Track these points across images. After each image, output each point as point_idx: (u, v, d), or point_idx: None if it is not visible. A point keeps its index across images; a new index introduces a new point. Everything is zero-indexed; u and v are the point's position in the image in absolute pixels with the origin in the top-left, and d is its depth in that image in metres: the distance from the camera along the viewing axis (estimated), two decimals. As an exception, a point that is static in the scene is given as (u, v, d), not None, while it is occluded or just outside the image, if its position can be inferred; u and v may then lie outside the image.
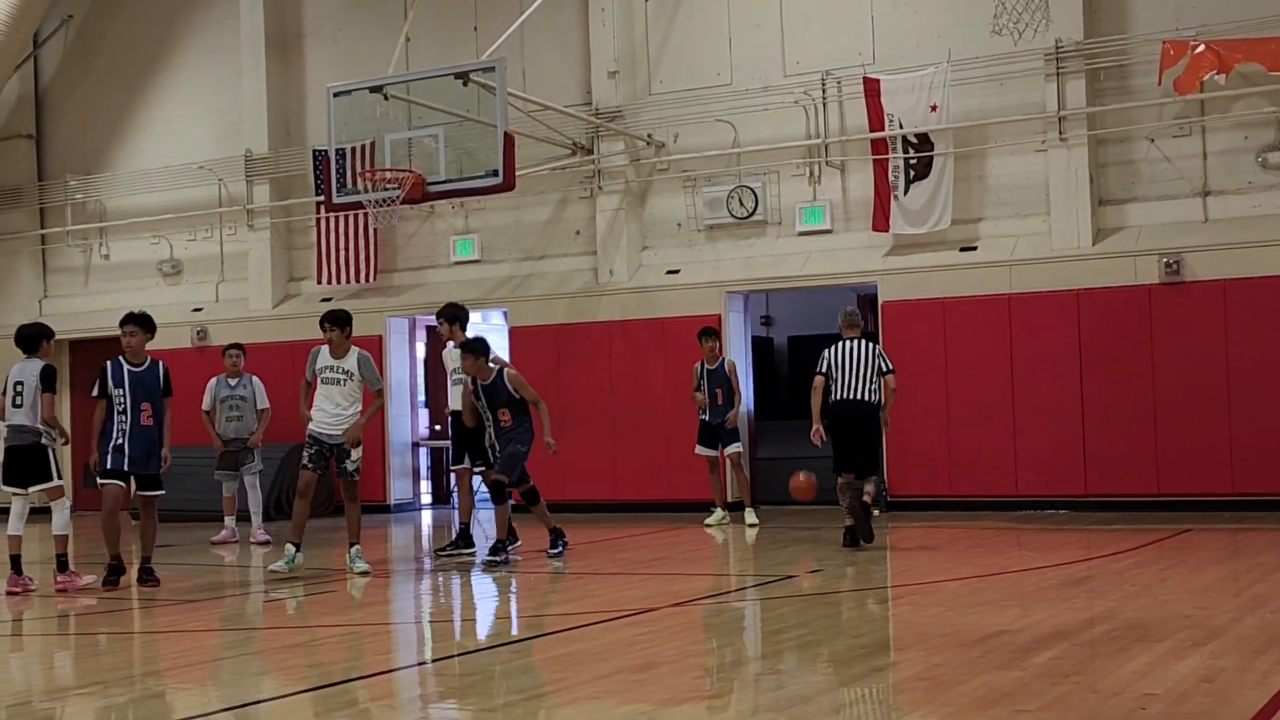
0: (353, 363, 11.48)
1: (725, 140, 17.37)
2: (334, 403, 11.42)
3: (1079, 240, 15.51)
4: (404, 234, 19.34)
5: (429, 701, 6.81)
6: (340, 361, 11.48)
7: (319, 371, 11.50)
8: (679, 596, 9.85)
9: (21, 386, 11.10)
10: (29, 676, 7.95)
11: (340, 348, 11.49)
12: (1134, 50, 15.52)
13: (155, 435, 11.10)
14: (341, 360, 11.48)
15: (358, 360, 11.50)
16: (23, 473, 11.12)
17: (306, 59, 20.24)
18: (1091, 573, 10.44)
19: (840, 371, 12.43)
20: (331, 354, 11.50)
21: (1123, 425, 15.11)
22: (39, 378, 11.09)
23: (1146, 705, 5.80)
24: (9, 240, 22.19)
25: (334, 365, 11.47)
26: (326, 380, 11.46)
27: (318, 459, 11.45)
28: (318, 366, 11.51)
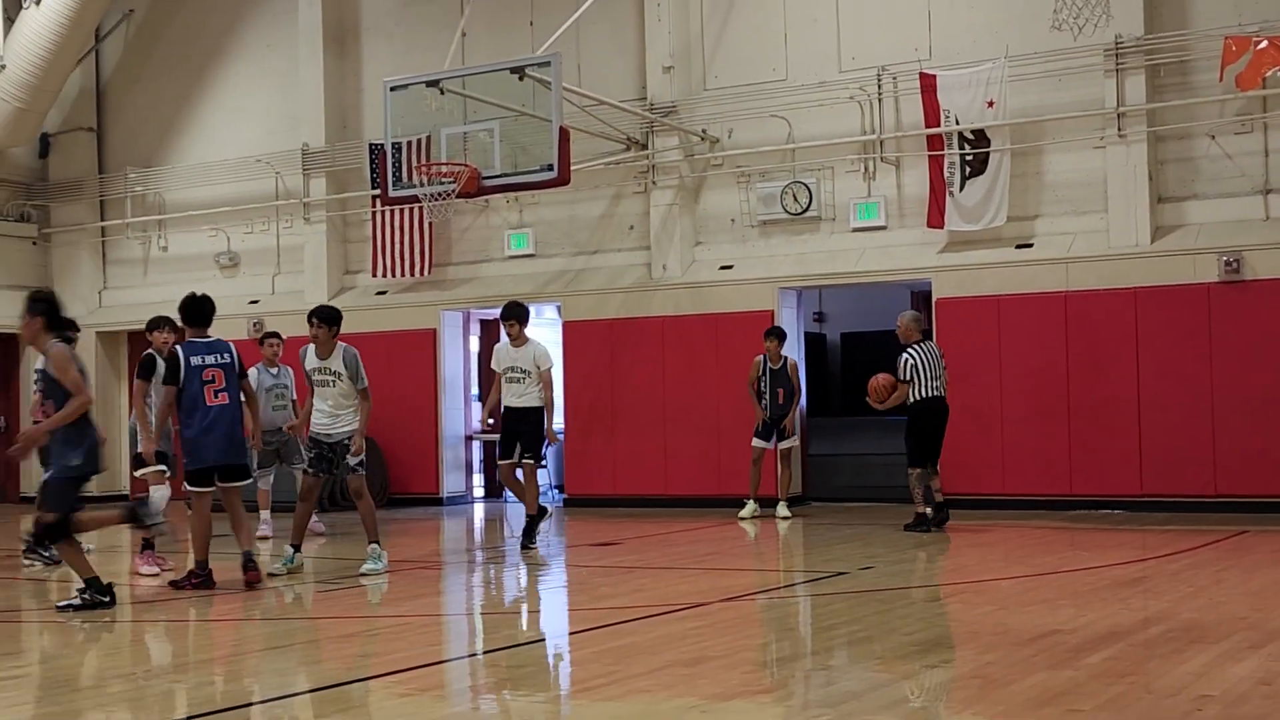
0: (339, 361, 11.04)
1: (780, 136, 17.33)
2: (328, 403, 11.04)
3: (1137, 238, 15.37)
4: (459, 228, 19.42)
5: (480, 693, 6.85)
6: (327, 362, 11.06)
7: (309, 373, 11.14)
8: (730, 591, 9.84)
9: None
10: (81, 663, 8.06)
11: (326, 347, 11.05)
12: (1195, 46, 15.36)
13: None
14: (328, 360, 11.06)
15: (344, 358, 11.04)
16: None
17: (363, 53, 20.36)
18: (1146, 573, 10.35)
19: (925, 372, 13.53)
20: (318, 354, 11.09)
21: (1180, 425, 14.96)
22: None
23: (1203, 707, 5.75)
24: (70, 232, 22.47)
25: (321, 366, 11.07)
26: (317, 382, 11.10)
27: (318, 462, 11.15)
28: (306, 368, 11.14)
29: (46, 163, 22.76)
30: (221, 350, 10.48)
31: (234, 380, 10.48)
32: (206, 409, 10.26)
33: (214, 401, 10.27)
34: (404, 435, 18.87)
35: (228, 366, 10.41)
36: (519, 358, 12.73)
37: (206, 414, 10.27)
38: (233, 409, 10.41)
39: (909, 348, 13.66)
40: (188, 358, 10.31)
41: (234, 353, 10.54)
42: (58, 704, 6.66)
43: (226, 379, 10.39)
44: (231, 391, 10.43)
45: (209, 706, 6.57)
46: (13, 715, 6.31)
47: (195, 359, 10.31)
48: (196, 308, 10.53)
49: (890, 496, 16.56)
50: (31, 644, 8.79)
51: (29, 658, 8.27)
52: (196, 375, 10.27)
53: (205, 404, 10.26)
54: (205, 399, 10.26)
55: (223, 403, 10.31)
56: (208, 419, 10.27)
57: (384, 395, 19.01)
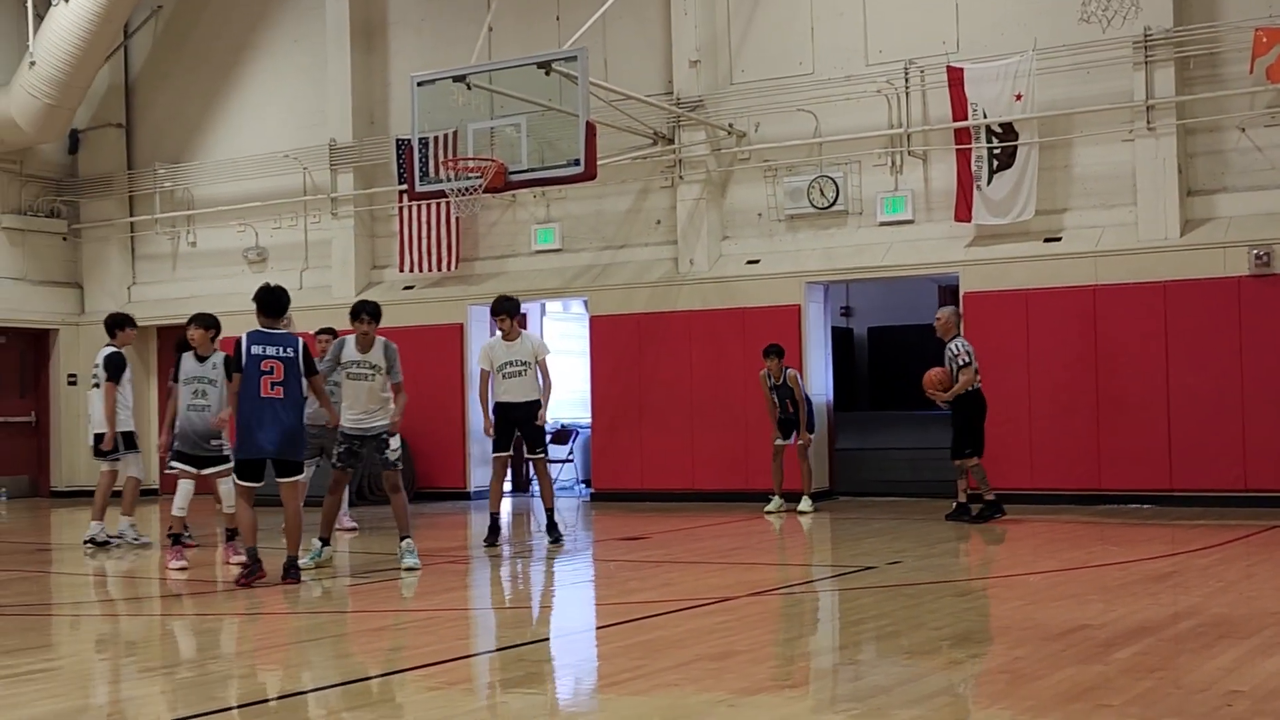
0: (379, 355, 10.94)
1: (807, 130, 17.30)
2: (362, 398, 10.95)
3: (1166, 231, 15.29)
4: (485, 223, 19.45)
5: (508, 687, 6.86)
6: (367, 355, 10.93)
7: (344, 365, 10.99)
8: (757, 586, 9.84)
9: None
10: (113, 655, 8.10)
11: (367, 341, 10.97)
12: (1225, 38, 15.27)
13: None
14: (368, 354, 10.94)
15: (384, 352, 10.99)
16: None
17: (390, 49, 20.40)
18: (1176, 568, 10.30)
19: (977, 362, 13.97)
20: (359, 348, 10.95)
21: (1209, 419, 14.88)
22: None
23: (1233, 702, 5.72)
24: (100, 228, 22.59)
25: (361, 360, 10.92)
26: (354, 376, 10.95)
27: (348, 457, 11.06)
28: (343, 361, 10.98)
29: (76, 159, 22.90)
30: (287, 343, 10.22)
31: (295, 375, 10.16)
32: (258, 400, 10.04)
33: (268, 393, 10.04)
34: (431, 430, 18.91)
35: (290, 360, 10.14)
36: (518, 351, 12.70)
37: (258, 405, 10.05)
38: (288, 403, 10.13)
39: (958, 339, 13.92)
40: (249, 346, 10.11)
41: (300, 347, 10.25)
42: (87, 697, 6.71)
43: (286, 372, 10.10)
44: (290, 385, 10.12)
45: (237, 700, 6.60)
46: (45, 708, 6.35)
47: (256, 349, 10.11)
48: (270, 298, 10.33)
49: (917, 491, 16.56)
50: (61, 637, 8.85)
51: (60, 650, 8.32)
52: (255, 365, 10.05)
53: (258, 395, 10.04)
54: (260, 389, 10.04)
55: (276, 396, 10.05)
56: (259, 410, 10.06)
57: (411, 390, 18.92)
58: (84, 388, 21.50)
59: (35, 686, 6.84)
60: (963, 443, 13.93)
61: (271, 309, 10.34)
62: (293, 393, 10.18)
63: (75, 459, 22.18)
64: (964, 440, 13.92)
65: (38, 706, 6.38)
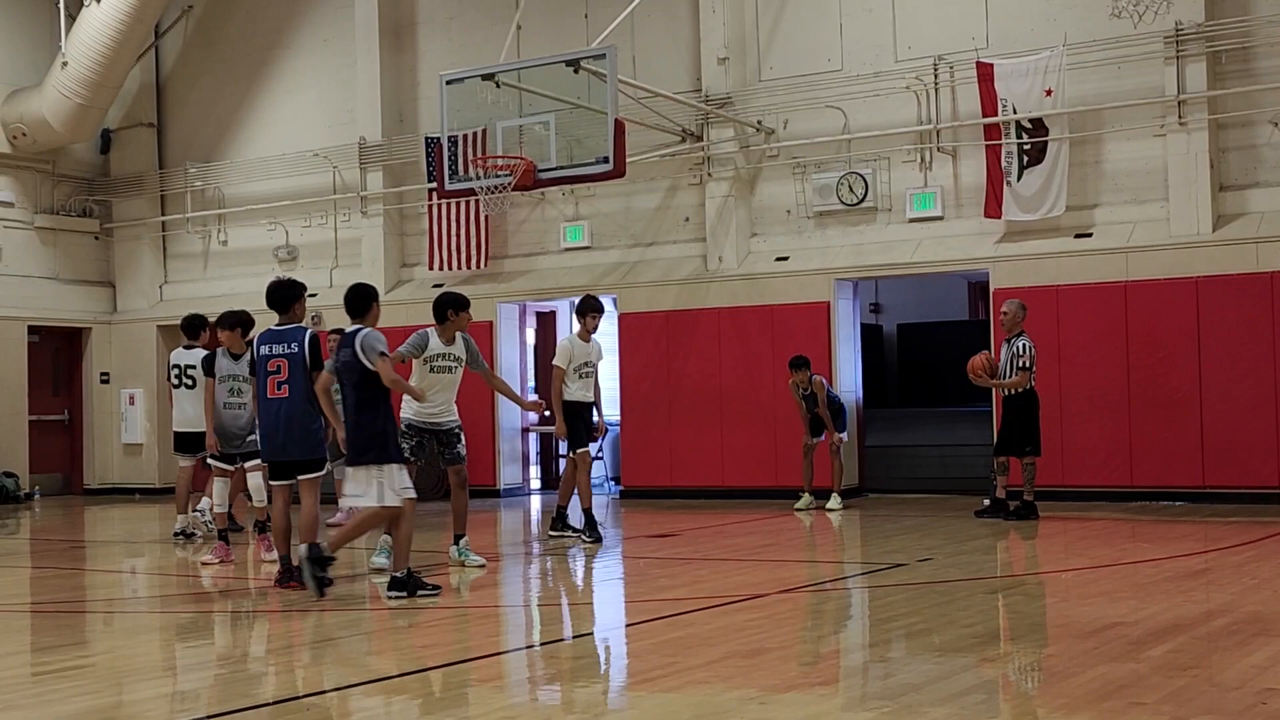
0: (460, 348, 10.97)
1: (835, 126, 17.26)
2: (444, 392, 10.94)
3: (1198, 227, 15.20)
4: (515, 220, 19.48)
5: (538, 684, 6.87)
6: (451, 348, 10.95)
7: (429, 359, 10.91)
8: (788, 583, 9.83)
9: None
10: (146, 652, 8.15)
11: (450, 332, 10.94)
12: (1257, 32, 15.17)
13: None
14: (451, 347, 10.96)
15: (466, 345, 11.00)
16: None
17: (419, 47, 20.45)
18: (1209, 565, 10.25)
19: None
20: (443, 340, 10.89)
21: (1242, 415, 14.79)
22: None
23: (1268, 700, 5.69)
24: (131, 227, 22.72)
25: (445, 353, 10.85)
26: (438, 369, 10.92)
27: (419, 450, 10.94)
28: (429, 353, 10.87)
29: (108, 158, 23.04)
30: (292, 339, 9.77)
31: (300, 371, 9.70)
32: (266, 401, 9.82)
33: (274, 394, 9.73)
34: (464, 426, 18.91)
35: (293, 356, 9.72)
36: (593, 352, 12.80)
37: (266, 406, 9.85)
38: (294, 400, 9.72)
39: (1023, 337, 13.89)
40: (258, 347, 9.89)
41: (306, 340, 9.76)
42: (121, 694, 6.75)
43: (291, 369, 9.70)
44: (295, 382, 9.70)
45: (270, 696, 6.63)
46: (78, 705, 6.40)
47: (264, 348, 9.82)
48: (274, 293, 9.99)
49: (947, 488, 16.51)
50: (95, 634, 8.91)
51: (94, 647, 8.38)
52: (263, 365, 9.80)
53: (266, 396, 9.80)
54: (267, 390, 9.77)
55: (283, 395, 9.70)
56: (266, 412, 9.87)
57: (441, 387, 19.15)
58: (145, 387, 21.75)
59: (69, 683, 6.89)
60: (1023, 440, 13.84)
61: (275, 305, 9.98)
62: (298, 389, 9.74)
63: (108, 457, 22.35)
64: (1024, 439, 13.84)
65: (72, 703, 6.43)
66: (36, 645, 8.39)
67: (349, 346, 9.33)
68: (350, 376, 9.31)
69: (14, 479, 20.77)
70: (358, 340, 9.32)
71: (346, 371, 9.33)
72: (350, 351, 9.29)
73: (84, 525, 17.51)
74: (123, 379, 22.35)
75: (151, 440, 21.96)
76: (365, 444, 9.23)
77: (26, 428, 21.41)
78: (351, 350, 9.29)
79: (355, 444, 9.26)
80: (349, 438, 9.32)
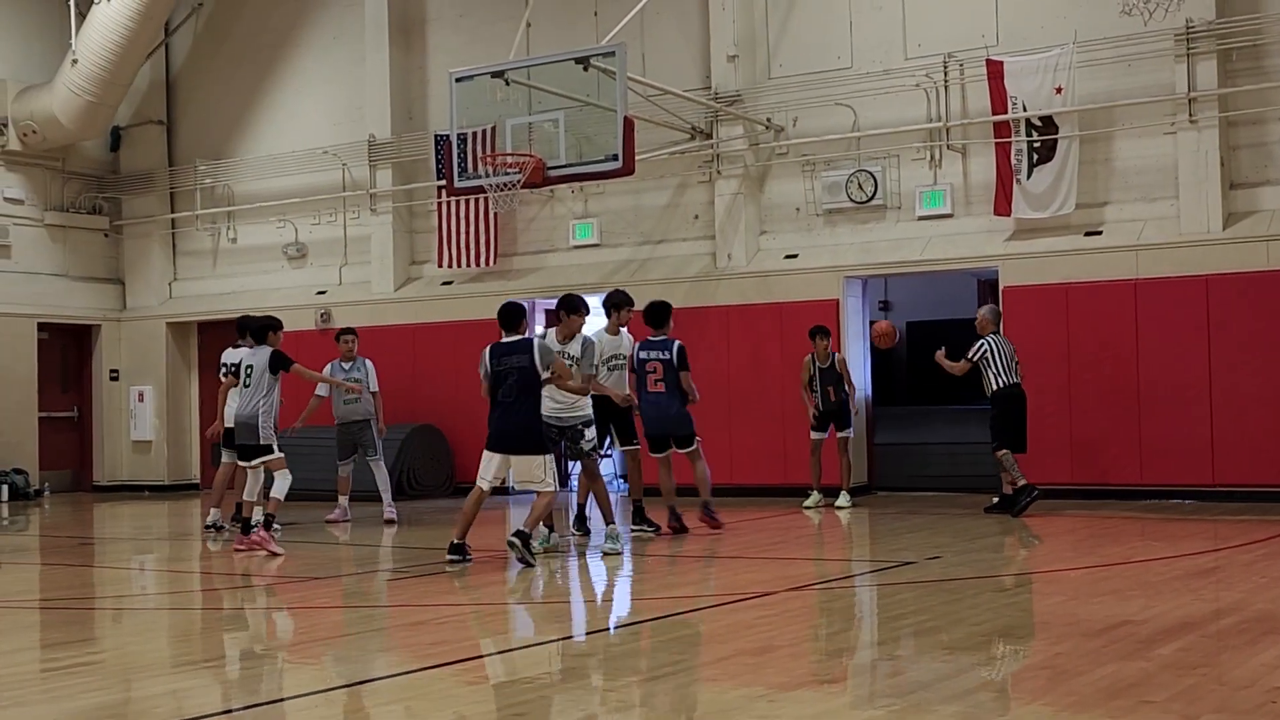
0: (577, 347, 11.52)
1: (845, 124, 17.24)
2: (560, 391, 11.22)
3: (1209, 225, 15.17)
4: (524, 218, 19.48)
5: (546, 681, 6.87)
6: (566, 347, 11.47)
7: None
8: (797, 581, 9.82)
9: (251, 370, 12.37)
10: (155, 649, 8.16)
11: (569, 332, 11.54)
12: (1268, 30, 15.12)
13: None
14: (567, 346, 11.49)
15: (582, 345, 11.55)
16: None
17: (429, 45, 20.46)
18: (1219, 564, 10.22)
19: (997, 362, 14.05)
20: (560, 339, 11.53)
21: (1253, 414, 14.76)
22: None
23: (1277, 699, 5.67)
24: (141, 224, 22.75)
25: (561, 351, 11.35)
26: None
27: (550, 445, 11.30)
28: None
29: (117, 156, 23.07)
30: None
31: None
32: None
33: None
34: (469, 424, 18.89)
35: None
36: (621, 345, 12.82)
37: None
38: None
39: (985, 338, 14.14)
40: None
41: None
42: (130, 690, 6.76)
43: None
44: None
45: (278, 694, 6.64)
46: (87, 701, 6.41)
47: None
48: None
49: (957, 486, 16.49)
50: (104, 631, 8.92)
51: (103, 644, 8.39)
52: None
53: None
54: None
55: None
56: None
57: (450, 384, 19.19)
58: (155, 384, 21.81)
59: (79, 680, 6.90)
60: (996, 435, 14.01)
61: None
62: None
63: (117, 454, 22.38)
64: (996, 433, 14.01)
65: (81, 700, 6.44)
66: (46, 641, 8.41)
67: (525, 353, 10.64)
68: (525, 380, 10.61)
69: (24, 475, 20.81)
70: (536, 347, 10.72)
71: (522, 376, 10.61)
72: (528, 358, 10.62)
73: (93, 522, 17.54)
74: (132, 376, 22.38)
75: (161, 437, 22.00)
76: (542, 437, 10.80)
77: (36, 424, 21.46)
78: (530, 356, 10.62)
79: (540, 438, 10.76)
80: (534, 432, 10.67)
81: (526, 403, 10.61)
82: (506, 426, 10.63)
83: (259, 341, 12.45)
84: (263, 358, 12.28)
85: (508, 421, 10.62)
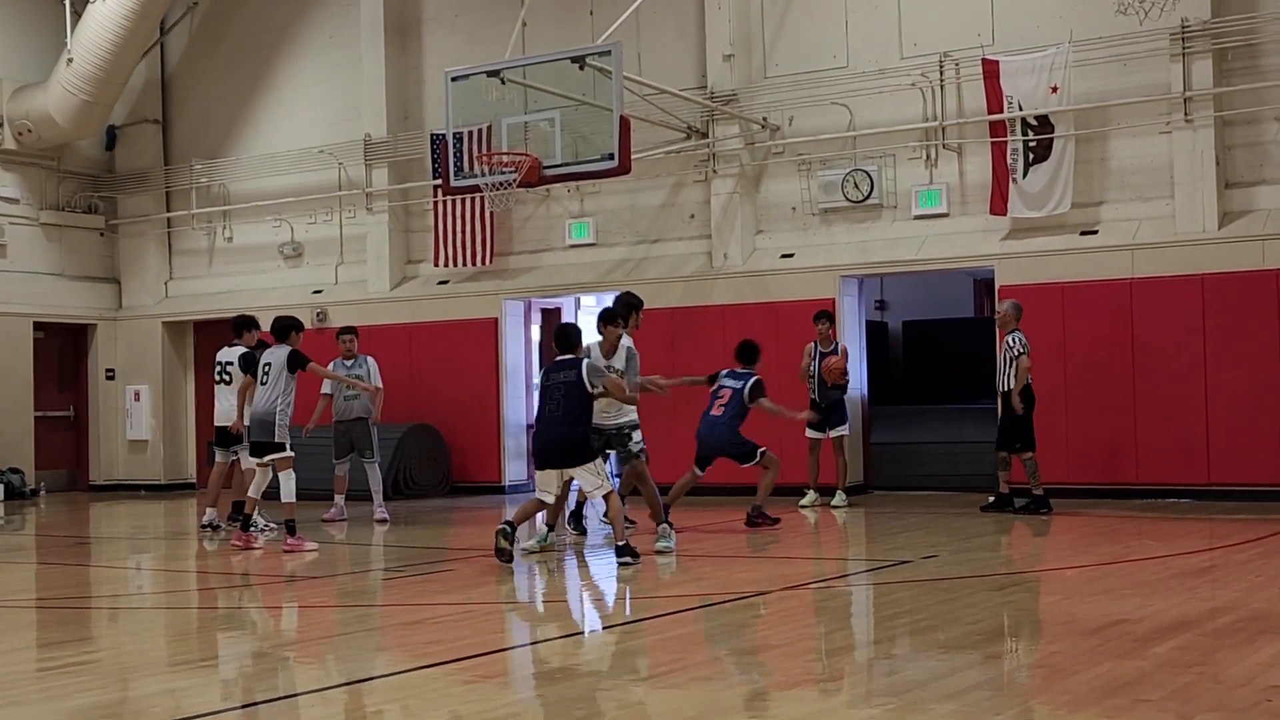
0: (621, 360, 11.71)
1: (841, 123, 17.25)
2: (606, 400, 11.36)
3: (1204, 224, 15.18)
4: (520, 217, 19.47)
5: (542, 681, 6.87)
6: (612, 360, 11.70)
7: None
8: (791, 580, 9.83)
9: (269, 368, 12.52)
10: (151, 648, 8.16)
11: (611, 344, 11.76)
12: (1263, 29, 15.14)
13: None
14: (612, 359, 11.72)
15: (626, 357, 11.74)
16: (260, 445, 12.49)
17: (425, 44, 20.45)
18: (1215, 562, 10.23)
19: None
20: (604, 352, 11.74)
21: (1248, 413, 14.78)
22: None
23: (1272, 698, 5.68)
24: (137, 223, 22.73)
25: (608, 365, 11.61)
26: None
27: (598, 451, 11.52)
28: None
29: (113, 155, 23.05)
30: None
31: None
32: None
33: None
34: (466, 424, 18.98)
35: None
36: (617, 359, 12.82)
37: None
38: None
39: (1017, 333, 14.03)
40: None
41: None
42: (126, 690, 6.75)
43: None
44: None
45: (272, 693, 6.64)
46: (84, 700, 6.41)
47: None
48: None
49: (952, 485, 16.50)
50: (101, 630, 8.92)
51: (99, 643, 8.39)
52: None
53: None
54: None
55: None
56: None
57: (446, 384, 19.20)
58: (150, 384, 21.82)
59: (75, 679, 6.90)
60: (1014, 437, 13.95)
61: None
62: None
63: (113, 453, 22.37)
64: (1015, 435, 13.94)
65: (78, 699, 6.44)
66: (42, 641, 8.41)
67: (574, 369, 10.87)
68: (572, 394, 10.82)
69: (20, 475, 20.80)
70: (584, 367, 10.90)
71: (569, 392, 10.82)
72: (576, 374, 10.84)
73: (89, 521, 17.53)
74: (128, 375, 22.36)
75: (157, 437, 21.99)
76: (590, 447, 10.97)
77: (32, 424, 21.43)
78: (578, 373, 10.84)
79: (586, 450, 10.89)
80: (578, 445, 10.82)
81: (569, 418, 10.79)
82: (550, 440, 10.86)
83: (280, 340, 12.54)
84: (281, 356, 12.35)
85: (551, 434, 10.86)
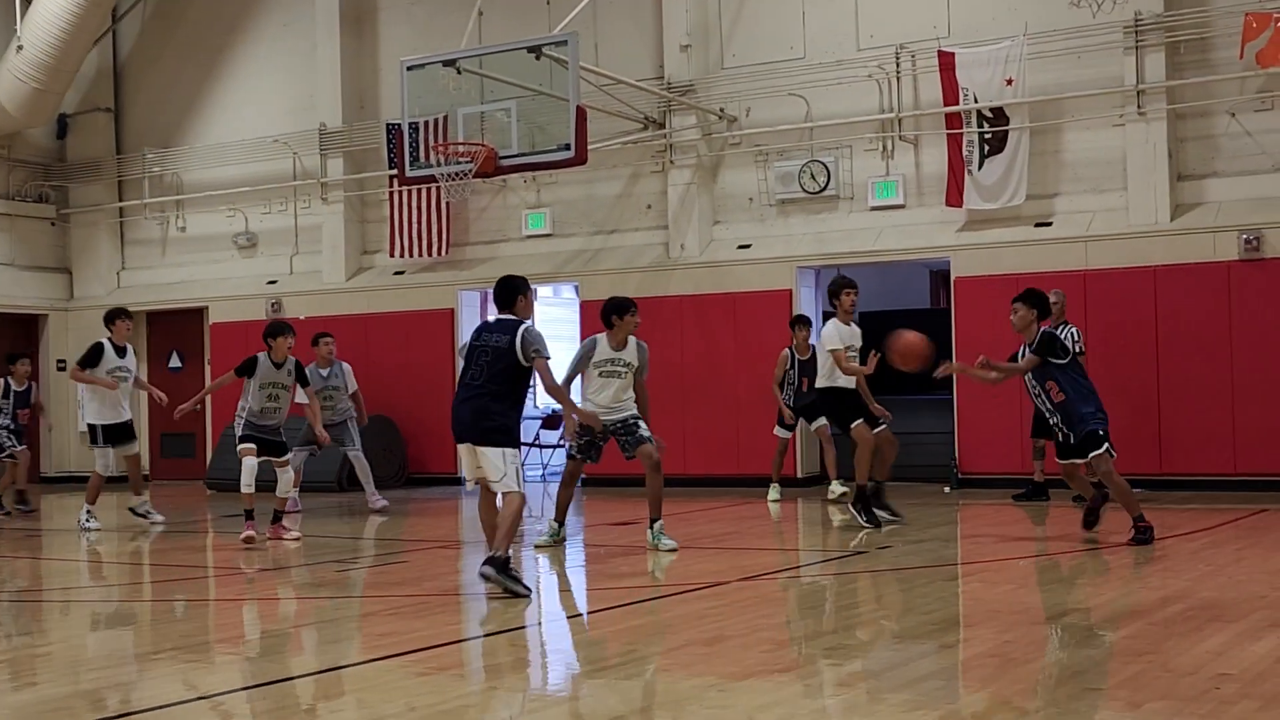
0: (632, 354, 11.06)
1: (798, 114, 17.27)
2: (609, 393, 10.97)
3: (1157, 216, 15.30)
4: (476, 208, 19.41)
5: (498, 672, 6.86)
6: (620, 353, 11.05)
7: (597, 364, 10.99)
8: (748, 571, 9.85)
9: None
10: (115, 642, 8.10)
11: (621, 338, 11.04)
12: (1215, 23, 15.26)
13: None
14: (621, 352, 11.06)
15: (638, 351, 11.08)
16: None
17: (380, 33, 20.34)
18: (1165, 552, 10.32)
19: None
20: (612, 345, 11.04)
21: (1199, 404, 14.91)
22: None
23: (1221, 685, 5.74)
24: (88, 213, 22.52)
25: (614, 358, 11.01)
26: (607, 374, 10.99)
27: (588, 449, 11.15)
28: (596, 359, 11.00)
29: (64, 143, 22.81)
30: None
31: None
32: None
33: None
34: (422, 415, 18.90)
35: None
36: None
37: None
38: None
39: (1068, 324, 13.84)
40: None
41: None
42: (78, 683, 6.70)
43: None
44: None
45: (226, 686, 6.60)
46: (35, 694, 6.35)
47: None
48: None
49: (909, 476, 16.53)
50: (52, 623, 8.84)
51: (51, 636, 8.31)
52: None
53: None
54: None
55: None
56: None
57: (402, 375, 19.12)
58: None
59: (26, 672, 6.83)
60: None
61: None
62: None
63: (65, 445, 22.15)
64: None
65: (28, 692, 6.38)
66: (-9, 634, 8.33)
67: (507, 334, 9.09)
68: (499, 363, 9.06)
69: (-31, 467, 20.56)
70: (520, 332, 9.08)
71: (497, 358, 9.07)
72: (509, 339, 9.05)
73: (40, 514, 17.36)
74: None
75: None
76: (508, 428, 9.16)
77: (-18, 415, 21.17)
78: (510, 339, 9.05)
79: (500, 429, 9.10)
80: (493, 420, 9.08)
81: (493, 388, 9.02)
82: (462, 412, 9.15)
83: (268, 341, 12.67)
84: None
85: (465, 405, 9.13)
